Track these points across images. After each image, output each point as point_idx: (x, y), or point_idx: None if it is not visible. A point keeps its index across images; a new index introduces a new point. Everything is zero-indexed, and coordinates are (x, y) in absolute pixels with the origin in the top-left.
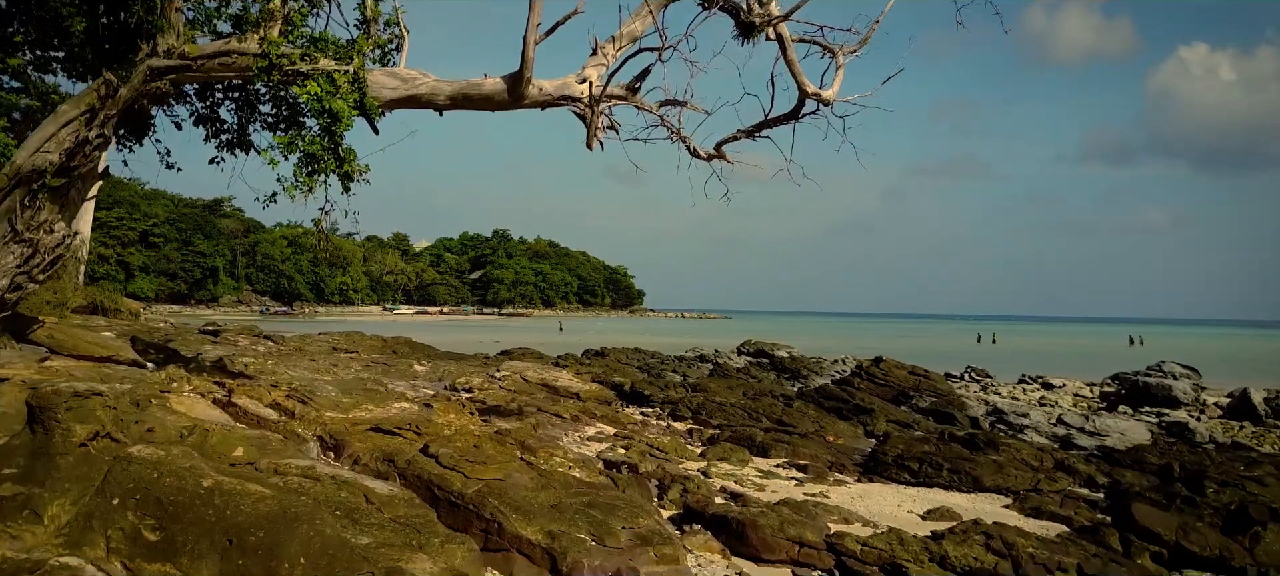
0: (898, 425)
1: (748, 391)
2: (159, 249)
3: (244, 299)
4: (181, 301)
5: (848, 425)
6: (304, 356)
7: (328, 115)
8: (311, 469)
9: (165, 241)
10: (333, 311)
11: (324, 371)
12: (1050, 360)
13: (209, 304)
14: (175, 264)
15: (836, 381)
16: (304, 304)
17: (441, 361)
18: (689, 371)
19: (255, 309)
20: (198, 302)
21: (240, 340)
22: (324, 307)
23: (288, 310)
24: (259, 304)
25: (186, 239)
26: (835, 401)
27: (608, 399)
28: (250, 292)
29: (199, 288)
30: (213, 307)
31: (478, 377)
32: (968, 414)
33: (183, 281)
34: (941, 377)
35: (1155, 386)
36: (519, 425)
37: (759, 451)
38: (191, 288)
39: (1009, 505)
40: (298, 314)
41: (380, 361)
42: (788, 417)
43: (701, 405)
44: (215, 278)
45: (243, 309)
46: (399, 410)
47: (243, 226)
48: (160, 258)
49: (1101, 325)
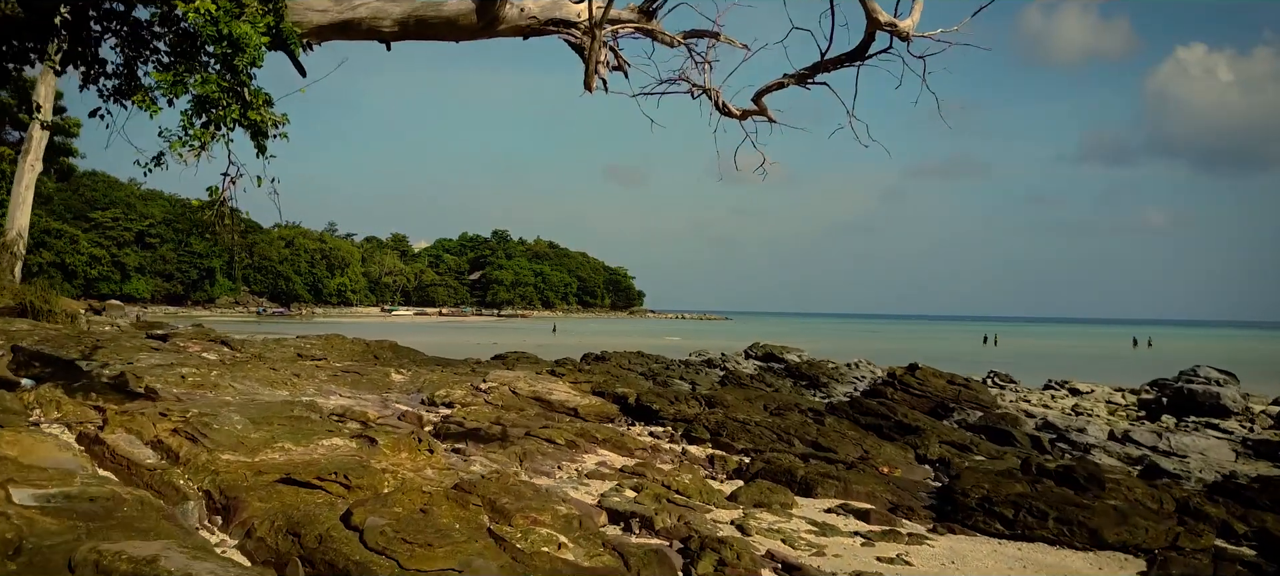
0: (953, 447)
1: (769, 404)
2: (155, 249)
3: (241, 300)
4: (178, 302)
5: (895, 448)
6: (263, 365)
7: (228, 43)
8: (154, 563)
9: (161, 242)
10: (331, 313)
11: (280, 385)
12: (1057, 363)
13: (205, 305)
14: (171, 265)
15: (867, 392)
16: (302, 305)
17: (424, 369)
18: (698, 379)
19: (252, 310)
20: (194, 304)
21: (190, 346)
22: (322, 309)
23: (285, 311)
24: (256, 305)
25: (183, 239)
26: (873, 417)
27: (610, 415)
28: (247, 294)
29: (196, 288)
30: (209, 309)
31: (460, 390)
32: (1022, 430)
33: (179, 282)
34: (983, 386)
35: (1201, 394)
36: (501, 457)
37: (802, 488)
38: (188, 289)
39: (1146, 574)
40: (295, 315)
41: (352, 370)
42: (825, 440)
43: (721, 423)
44: (212, 279)
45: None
46: (328, 449)
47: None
48: (156, 258)
49: (1102, 326)
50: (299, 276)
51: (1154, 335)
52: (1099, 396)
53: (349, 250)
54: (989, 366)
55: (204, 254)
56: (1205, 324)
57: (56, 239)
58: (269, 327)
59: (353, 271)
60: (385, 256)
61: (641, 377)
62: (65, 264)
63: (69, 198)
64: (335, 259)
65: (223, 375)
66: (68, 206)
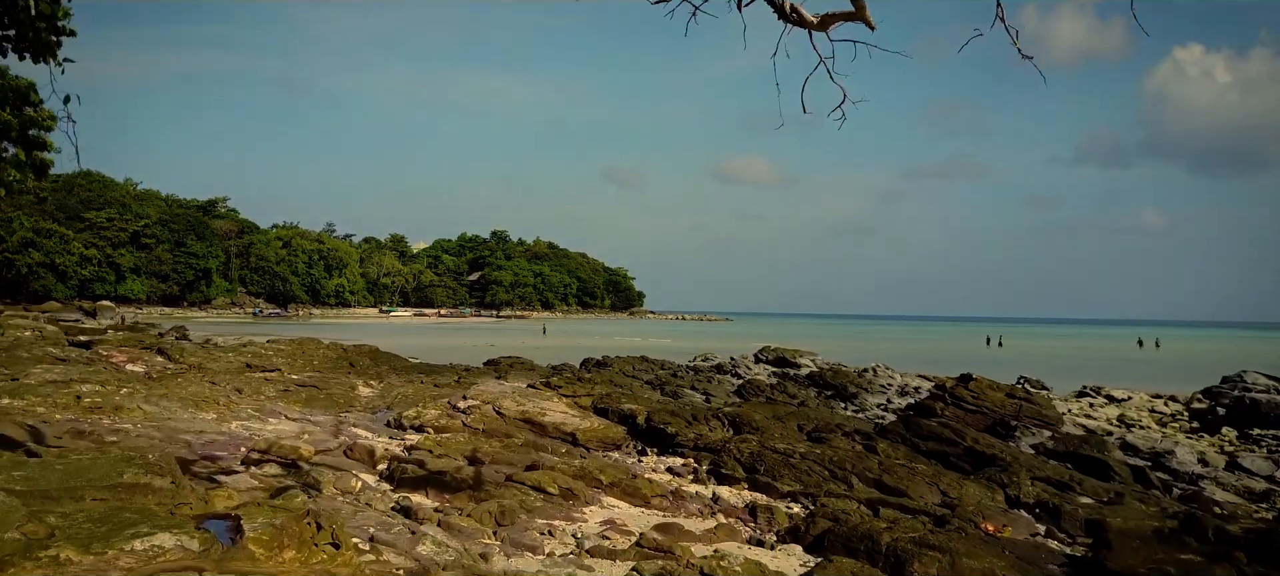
0: (1049, 486)
1: (804, 424)
2: (150, 250)
3: (238, 301)
4: (174, 303)
5: (978, 487)
6: (199, 379)
7: None
8: None
9: (157, 242)
10: (328, 314)
11: (208, 405)
12: (1067, 365)
13: (201, 306)
14: (167, 265)
15: (914, 407)
16: (299, 306)
17: (403, 378)
18: (711, 389)
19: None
20: (190, 304)
21: (114, 356)
22: (319, 310)
23: (282, 313)
24: (252, 306)
25: (179, 240)
26: (935, 442)
27: (616, 440)
28: (244, 294)
29: (191, 289)
30: (206, 310)
31: (434, 409)
32: (1113, 456)
33: (175, 283)
34: (1046, 400)
35: (1264, 404)
36: (470, 520)
37: (891, 565)
38: (184, 289)
39: None
40: (292, 316)
41: (310, 384)
42: (890, 477)
43: (757, 455)
44: (208, 279)
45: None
46: (141, 558)
47: (237, 227)
48: (152, 259)
49: (1102, 327)
50: (296, 277)
51: (1150, 334)
52: (1139, 404)
53: (347, 251)
54: (995, 368)
55: (200, 255)
56: (1204, 324)
57: (46, 239)
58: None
59: (351, 272)
60: (383, 257)
61: (648, 387)
62: (55, 264)
63: (63, 198)
64: (333, 259)
65: (135, 393)
66: (61, 206)
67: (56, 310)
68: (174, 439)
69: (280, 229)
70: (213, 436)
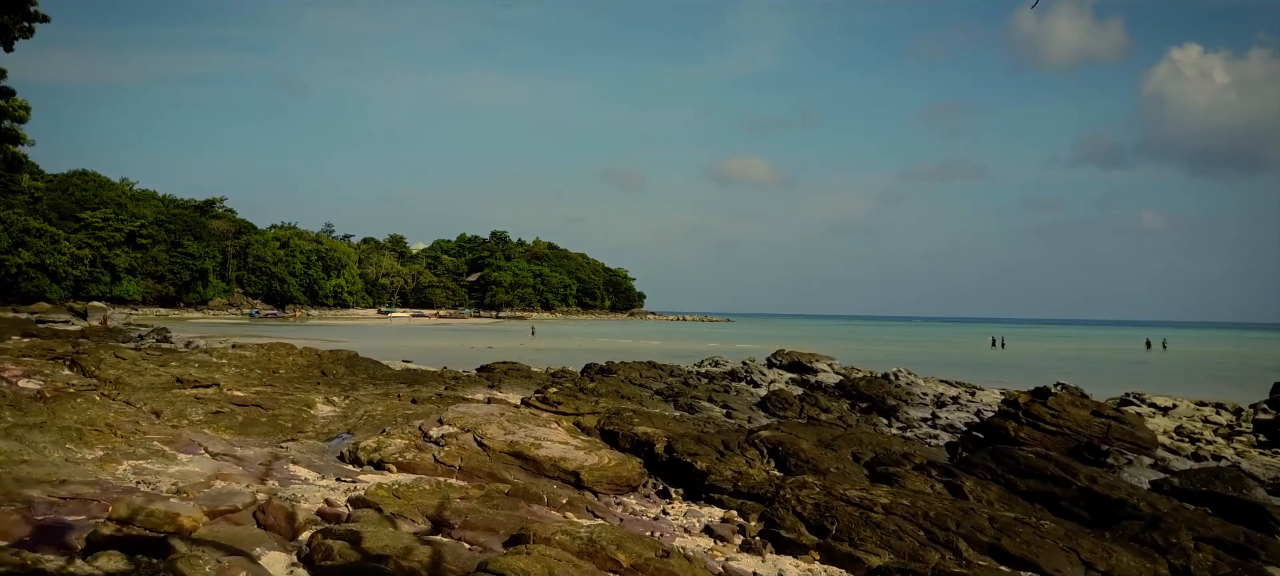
0: (1222, 550)
1: (858, 451)
2: (147, 250)
3: (235, 302)
4: (170, 304)
5: (1129, 554)
6: (110, 397)
7: None
8: None
9: (153, 243)
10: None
11: (104, 437)
12: (1074, 366)
13: (198, 307)
14: (164, 266)
15: (983, 428)
16: (297, 307)
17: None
18: (730, 400)
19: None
20: (186, 305)
21: (9, 368)
22: (318, 310)
23: (279, 314)
24: (249, 306)
25: (176, 240)
26: (1035, 479)
27: (630, 480)
28: (241, 295)
29: (188, 290)
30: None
31: (402, 437)
32: (1252, 495)
33: (171, 284)
34: (1137, 419)
35: None
36: None
37: None
38: (180, 290)
39: None
40: (289, 317)
41: (254, 402)
42: (1011, 543)
43: (823, 508)
44: (205, 280)
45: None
46: None
47: (235, 227)
48: (148, 259)
49: (1102, 327)
50: (294, 278)
51: (1154, 336)
52: (1183, 412)
53: (345, 251)
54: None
55: (196, 255)
56: (1204, 325)
57: (36, 239)
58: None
59: (349, 273)
60: (382, 258)
61: (659, 399)
62: (46, 264)
63: (57, 197)
64: (331, 260)
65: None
66: (55, 206)
67: (45, 311)
68: (11, 496)
69: (278, 229)
70: (79, 487)
